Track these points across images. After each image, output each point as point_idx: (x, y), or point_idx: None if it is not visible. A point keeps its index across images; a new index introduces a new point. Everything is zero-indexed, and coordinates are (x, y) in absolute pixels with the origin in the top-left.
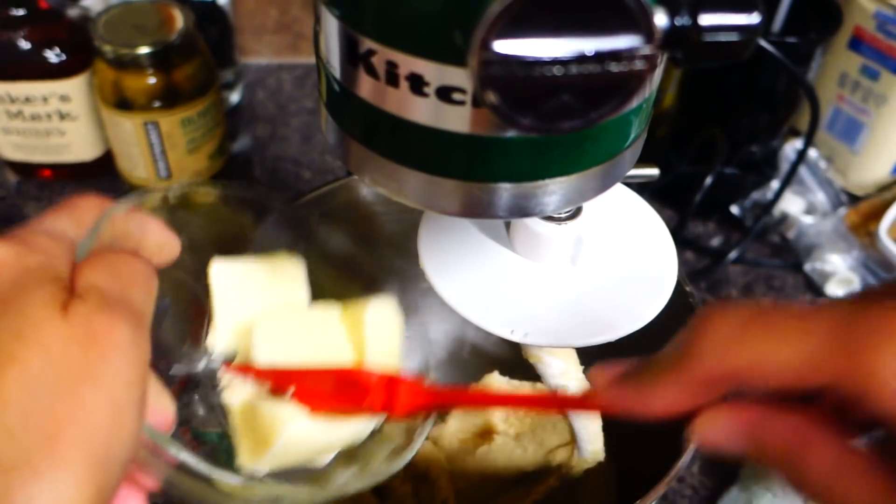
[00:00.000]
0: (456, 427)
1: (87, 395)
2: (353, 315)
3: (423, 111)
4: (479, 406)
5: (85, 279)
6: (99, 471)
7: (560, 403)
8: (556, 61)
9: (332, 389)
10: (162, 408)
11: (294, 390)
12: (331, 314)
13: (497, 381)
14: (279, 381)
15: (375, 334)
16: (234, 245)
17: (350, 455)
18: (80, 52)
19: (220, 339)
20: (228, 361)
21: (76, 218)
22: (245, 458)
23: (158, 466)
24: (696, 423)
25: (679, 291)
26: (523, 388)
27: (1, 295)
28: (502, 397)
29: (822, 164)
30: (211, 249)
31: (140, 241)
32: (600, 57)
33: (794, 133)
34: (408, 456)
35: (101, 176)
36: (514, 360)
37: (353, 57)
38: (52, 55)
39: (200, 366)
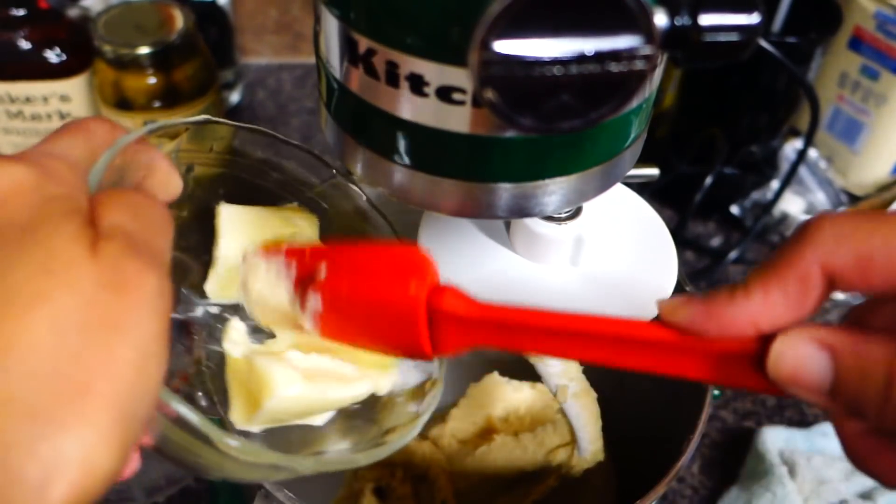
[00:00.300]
0: (456, 427)
1: (116, 346)
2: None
3: (423, 111)
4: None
5: (109, 218)
6: (124, 427)
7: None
8: (556, 61)
9: (371, 274)
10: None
11: (326, 272)
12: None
13: (497, 382)
14: (311, 261)
15: None
16: (245, 190)
17: (351, 416)
18: (80, 52)
19: (220, 283)
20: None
21: (89, 143)
22: (236, 414)
23: (155, 420)
24: (777, 344)
25: (679, 291)
26: (523, 388)
27: (23, 222)
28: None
29: (822, 164)
30: (219, 191)
31: (146, 175)
32: (600, 57)
33: (794, 133)
34: (420, 423)
35: None
36: (514, 360)
37: (353, 57)
38: (52, 55)
39: (199, 312)
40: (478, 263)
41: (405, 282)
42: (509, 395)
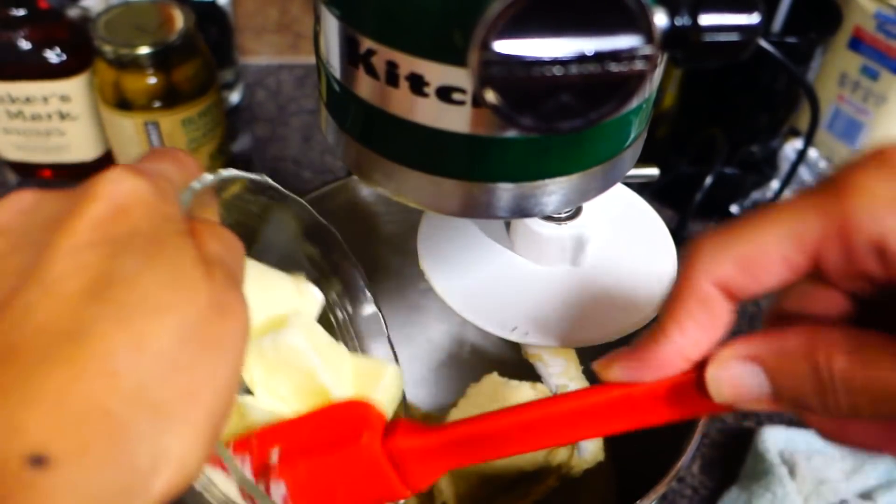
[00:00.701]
0: None
1: (219, 362)
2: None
3: (423, 111)
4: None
5: (210, 247)
6: (212, 436)
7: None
8: (556, 61)
9: (322, 439)
10: None
11: (278, 456)
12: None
13: (496, 382)
14: (261, 449)
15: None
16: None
17: None
18: (80, 52)
19: None
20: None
21: (182, 173)
22: None
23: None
24: (709, 371)
25: None
26: (523, 388)
27: (148, 233)
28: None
29: (822, 164)
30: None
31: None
32: (600, 57)
33: (794, 133)
34: None
35: None
36: (514, 360)
37: (353, 57)
38: (52, 55)
39: None
40: (478, 263)
41: (356, 437)
42: (509, 396)
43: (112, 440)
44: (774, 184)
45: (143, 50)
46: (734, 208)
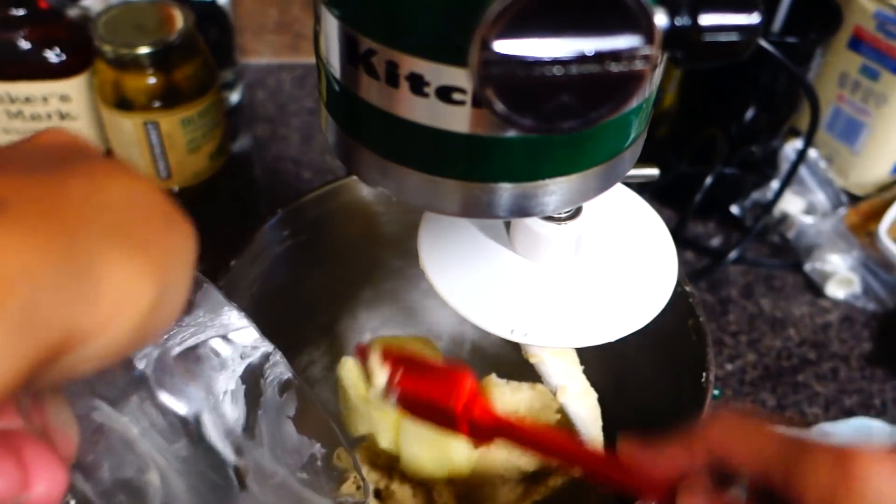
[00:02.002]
0: None
1: None
2: None
3: (423, 111)
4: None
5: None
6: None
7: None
8: (556, 61)
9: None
10: (68, 437)
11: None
12: None
13: (496, 383)
14: (393, 366)
15: None
16: None
17: None
18: (80, 52)
19: None
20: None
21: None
22: None
23: None
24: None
25: (679, 291)
26: (522, 388)
27: None
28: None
29: (822, 164)
30: None
31: None
32: (600, 57)
33: (794, 133)
34: None
35: None
36: (514, 360)
37: (353, 57)
38: (52, 55)
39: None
40: (478, 263)
41: (453, 397)
42: (508, 397)
43: None
44: (774, 184)
45: (143, 50)
46: (734, 208)
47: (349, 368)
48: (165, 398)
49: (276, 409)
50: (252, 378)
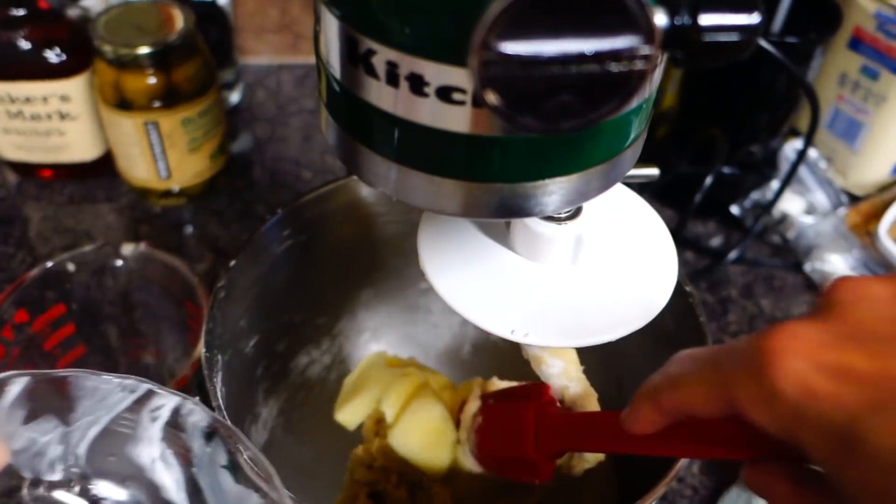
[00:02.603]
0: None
1: None
2: None
3: (423, 111)
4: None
5: None
6: None
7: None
8: (556, 61)
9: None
10: None
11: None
12: None
13: (495, 385)
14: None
15: None
16: None
17: None
18: (80, 52)
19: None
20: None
21: None
22: None
23: None
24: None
25: (679, 291)
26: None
27: None
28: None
29: (822, 164)
30: None
31: None
32: (600, 57)
33: (794, 133)
34: None
35: (101, 176)
36: (515, 360)
37: (353, 57)
38: (52, 55)
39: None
40: (478, 263)
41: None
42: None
43: None
44: (774, 184)
45: (143, 50)
46: (734, 208)
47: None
48: (100, 490)
49: (209, 461)
50: (172, 436)
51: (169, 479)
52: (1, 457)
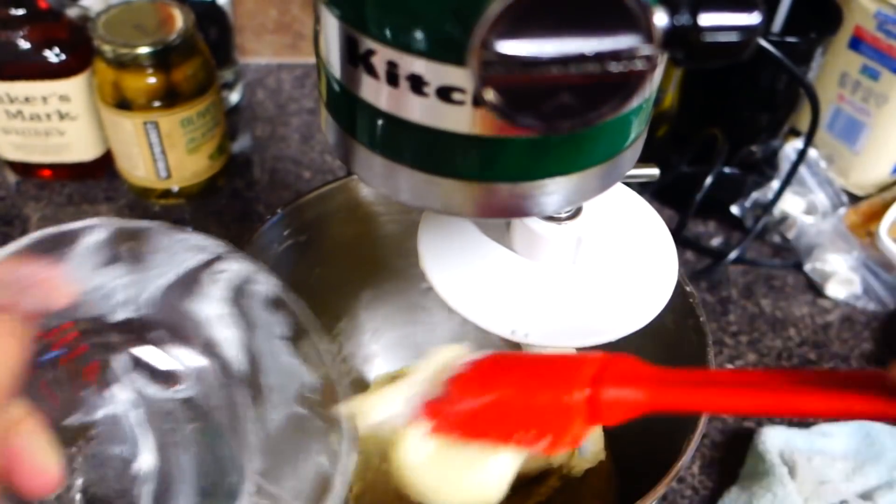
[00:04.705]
0: None
1: None
2: None
3: (423, 111)
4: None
5: None
6: None
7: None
8: (556, 61)
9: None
10: (47, 467)
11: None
12: None
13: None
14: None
15: None
16: None
17: None
18: (80, 52)
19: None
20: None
21: None
22: None
23: None
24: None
25: (679, 291)
26: None
27: None
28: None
29: (822, 164)
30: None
31: (28, 296)
32: (600, 57)
33: (794, 133)
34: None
35: (101, 176)
36: None
37: (353, 57)
38: (52, 55)
39: (99, 413)
40: (478, 263)
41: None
42: None
43: None
44: (774, 184)
45: (143, 50)
46: (734, 208)
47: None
48: (160, 353)
49: (268, 330)
50: (237, 299)
51: (229, 336)
52: (66, 296)
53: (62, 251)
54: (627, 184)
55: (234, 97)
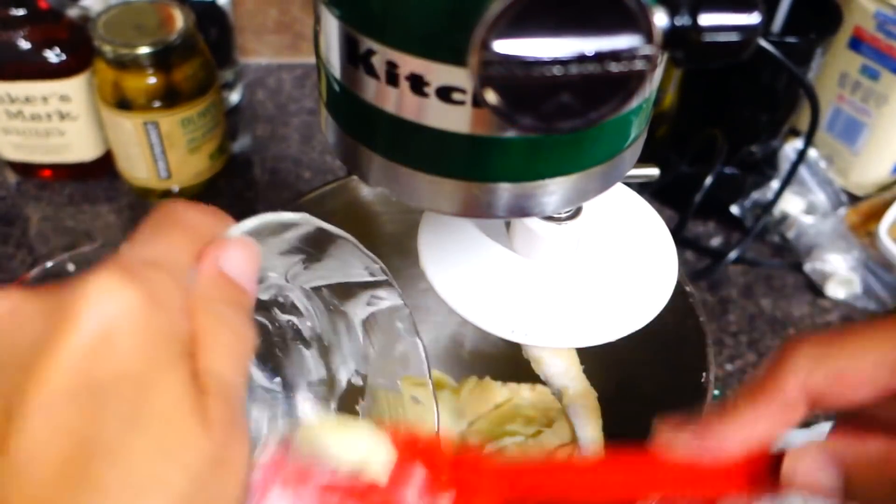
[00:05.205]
0: None
1: None
2: None
3: (423, 111)
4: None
5: (208, 361)
6: None
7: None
8: (556, 61)
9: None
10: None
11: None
12: None
13: (496, 385)
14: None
15: None
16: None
17: None
18: (80, 52)
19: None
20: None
21: (192, 244)
22: None
23: None
24: (786, 462)
25: (679, 291)
26: (521, 390)
27: (135, 372)
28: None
29: (822, 164)
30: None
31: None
32: (600, 57)
33: (794, 133)
34: None
35: (101, 176)
36: (514, 360)
37: (353, 57)
38: (52, 55)
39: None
40: (478, 263)
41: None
42: (508, 398)
43: None
44: (774, 184)
45: (143, 50)
46: (734, 208)
47: None
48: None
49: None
50: (371, 326)
51: (350, 350)
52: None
53: (270, 238)
54: (627, 184)
55: (234, 97)
